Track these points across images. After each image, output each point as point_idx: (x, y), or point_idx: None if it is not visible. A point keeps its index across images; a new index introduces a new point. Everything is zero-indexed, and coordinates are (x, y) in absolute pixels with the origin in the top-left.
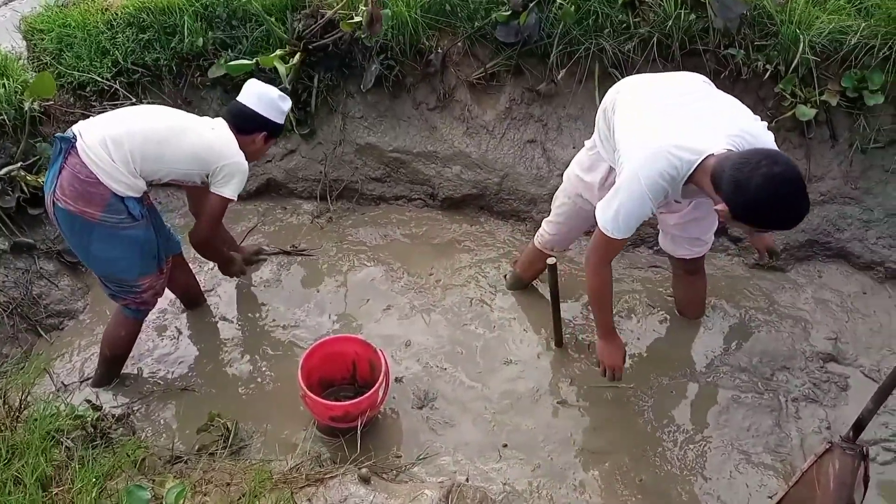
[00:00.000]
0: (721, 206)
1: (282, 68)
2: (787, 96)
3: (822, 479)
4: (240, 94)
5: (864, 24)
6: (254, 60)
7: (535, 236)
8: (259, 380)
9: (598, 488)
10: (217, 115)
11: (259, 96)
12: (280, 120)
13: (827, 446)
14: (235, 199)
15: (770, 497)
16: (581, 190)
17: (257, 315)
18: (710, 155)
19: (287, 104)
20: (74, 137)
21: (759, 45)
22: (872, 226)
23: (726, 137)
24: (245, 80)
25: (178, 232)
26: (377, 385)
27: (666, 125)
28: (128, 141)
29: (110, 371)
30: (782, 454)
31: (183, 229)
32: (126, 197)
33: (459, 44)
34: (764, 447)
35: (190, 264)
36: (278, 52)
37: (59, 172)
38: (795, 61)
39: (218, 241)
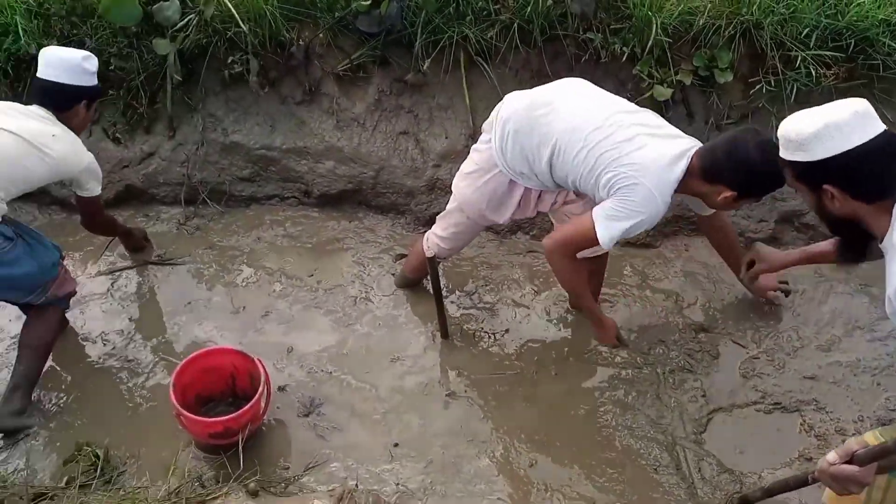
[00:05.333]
0: (725, 194)
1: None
2: (645, 77)
3: None
4: (39, 69)
5: (709, 5)
6: None
7: (424, 244)
8: (130, 402)
9: (490, 476)
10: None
11: (63, 66)
12: (94, 82)
13: None
14: (100, 192)
15: (655, 468)
16: (488, 213)
17: (125, 332)
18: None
19: (94, 62)
20: None
21: (616, 29)
22: None
23: (681, 137)
24: None
25: None
26: (257, 396)
27: (644, 141)
28: None
29: (37, 375)
30: (663, 425)
31: None
32: None
33: (321, 35)
34: (646, 420)
35: None
36: None
37: None
38: (650, 43)
39: (107, 218)
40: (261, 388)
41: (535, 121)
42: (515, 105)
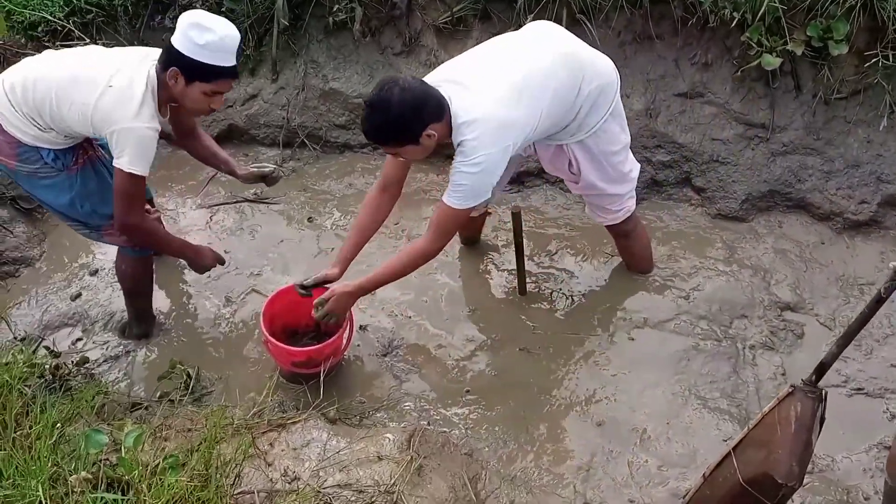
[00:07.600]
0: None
1: None
2: (754, 45)
3: (784, 422)
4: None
5: None
6: None
7: None
8: (222, 327)
9: (556, 431)
10: None
11: (178, 23)
12: (194, 55)
13: (789, 390)
14: (136, 171)
15: (725, 441)
16: None
17: None
18: None
19: (206, 36)
20: None
21: None
22: (833, 177)
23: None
24: None
25: None
26: (340, 331)
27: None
28: (31, 90)
29: (139, 311)
30: (738, 400)
31: None
32: (39, 147)
33: None
34: (721, 393)
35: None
36: None
37: None
38: (762, 9)
39: (153, 227)
40: (344, 325)
41: None
42: None
